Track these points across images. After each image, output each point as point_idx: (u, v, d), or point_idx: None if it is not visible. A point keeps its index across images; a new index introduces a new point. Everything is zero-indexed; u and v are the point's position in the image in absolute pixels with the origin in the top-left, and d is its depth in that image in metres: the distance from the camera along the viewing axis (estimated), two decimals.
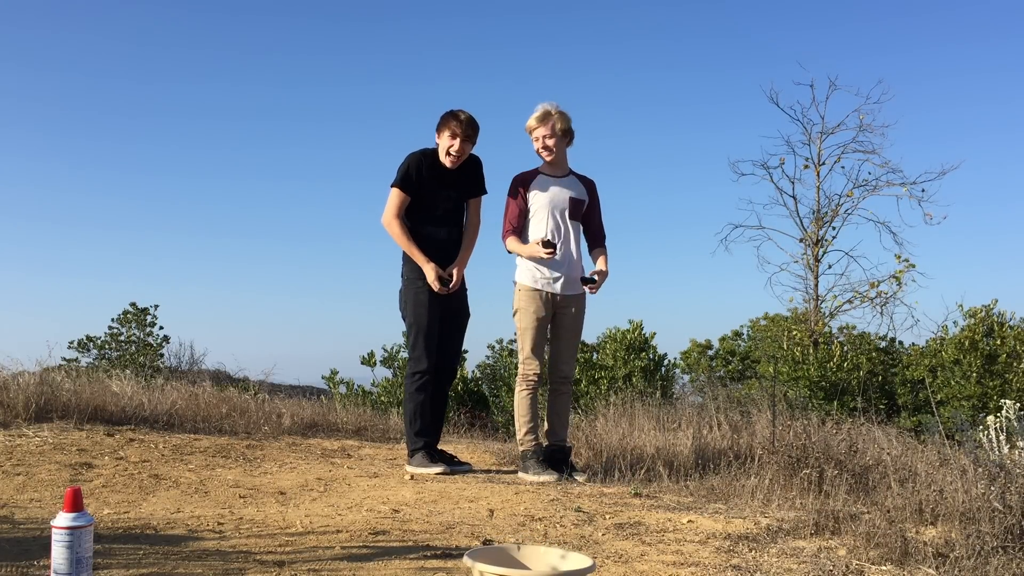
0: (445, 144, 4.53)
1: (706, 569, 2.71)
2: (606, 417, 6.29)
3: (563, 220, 4.58)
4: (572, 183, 4.66)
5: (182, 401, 5.97)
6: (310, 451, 5.16)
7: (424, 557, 2.68)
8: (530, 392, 4.55)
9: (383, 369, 10.82)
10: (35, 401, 5.14)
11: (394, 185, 4.53)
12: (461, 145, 4.50)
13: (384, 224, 4.56)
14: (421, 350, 4.52)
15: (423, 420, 4.55)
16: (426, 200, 4.55)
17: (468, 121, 4.51)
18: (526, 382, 4.56)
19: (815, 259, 12.40)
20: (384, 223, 4.56)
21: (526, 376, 4.56)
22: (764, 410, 5.99)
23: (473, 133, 4.54)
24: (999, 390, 10.20)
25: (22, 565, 2.38)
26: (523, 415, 4.55)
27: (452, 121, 4.51)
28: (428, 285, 4.49)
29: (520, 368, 4.59)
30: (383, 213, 4.56)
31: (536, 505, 3.66)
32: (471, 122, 4.53)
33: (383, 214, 4.56)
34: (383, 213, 4.56)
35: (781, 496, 3.87)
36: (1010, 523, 2.85)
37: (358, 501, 3.65)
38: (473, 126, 4.53)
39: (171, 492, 3.71)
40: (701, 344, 14.26)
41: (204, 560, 2.54)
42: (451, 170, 4.58)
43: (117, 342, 12.59)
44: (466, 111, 4.55)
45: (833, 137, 12.70)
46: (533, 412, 4.54)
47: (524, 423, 4.54)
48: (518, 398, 4.58)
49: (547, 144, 4.58)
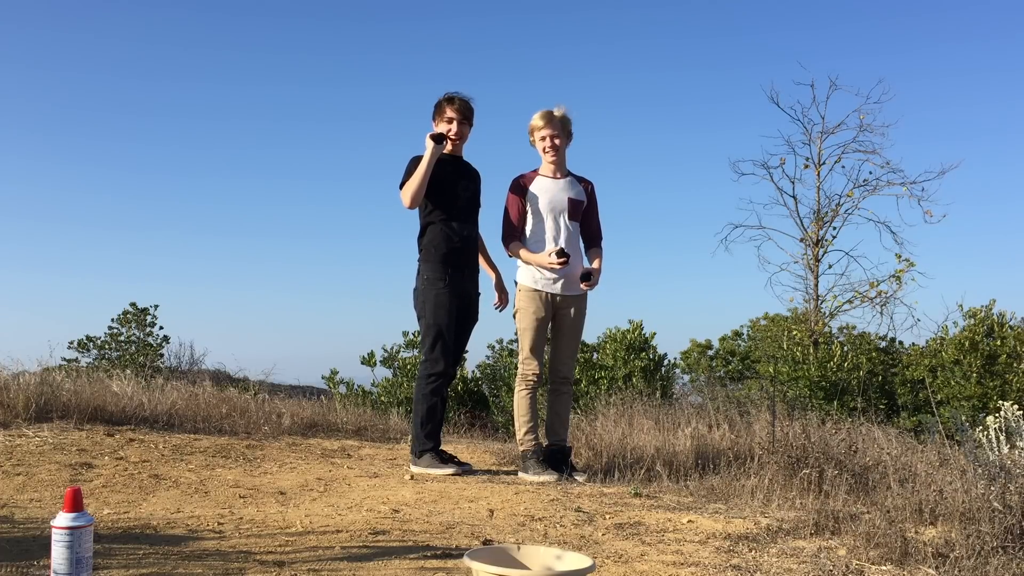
0: (443, 130, 4.58)
1: (706, 569, 2.71)
2: (606, 417, 6.29)
3: (563, 221, 4.59)
4: (571, 184, 4.68)
5: (182, 401, 5.97)
6: (310, 451, 5.16)
7: (424, 557, 2.68)
8: (529, 392, 4.56)
9: (383, 369, 10.83)
10: (35, 401, 5.14)
11: (402, 185, 4.53)
12: (459, 127, 4.59)
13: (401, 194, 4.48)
14: (439, 352, 4.51)
15: (434, 422, 4.55)
16: (447, 192, 4.57)
17: (463, 103, 4.61)
18: (525, 382, 4.57)
19: (815, 259, 12.38)
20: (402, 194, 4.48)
21: (525, 376, 4.57)
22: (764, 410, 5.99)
23: (470, 114, 4.64)
24: (999, 390, 10.19)
25: (22, 565, 2.38)
26: (523, 415, 4.55)
27: (448, 105, 4.60)
28: (448, 287, 4.48)
29: (520, 368, 4.59)
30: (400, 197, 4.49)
31: (536, 505, 3.66)
32: (466, 104, 4.62)
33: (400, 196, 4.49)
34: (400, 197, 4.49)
35: (781, 496, 3.88)
36: (1010, 523, 2.85)
37: (358, 501, 3.65)
38: (469, 107, 4.63)
39: (171, 492, 3.71)
40: (701, 344, 14.24)
41: (204, 560, 2.54)
42: (458, 164, 4.62)
43: (117, 342, 12.59)
44: (460, 93, 4.63)
45: (833, 137, 12.67)
46: (533, 412, 4.55)
47: (524, 423, 4.54)
48: (518, 398, 4.59)
49: (554, 143, 4.60)
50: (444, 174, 4.55)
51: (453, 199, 4.58)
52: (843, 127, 12.58)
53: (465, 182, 4.64)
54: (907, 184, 12.29)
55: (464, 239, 4.60)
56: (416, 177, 4.43)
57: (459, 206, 4.59)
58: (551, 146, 4.62)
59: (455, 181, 4.60)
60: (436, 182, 4.52)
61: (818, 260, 12.39)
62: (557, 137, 4.62)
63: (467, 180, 4.66)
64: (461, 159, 4.70)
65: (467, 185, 4.65)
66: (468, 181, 4.66)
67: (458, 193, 4.60)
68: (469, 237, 4.63)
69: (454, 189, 4.58)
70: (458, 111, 4.59)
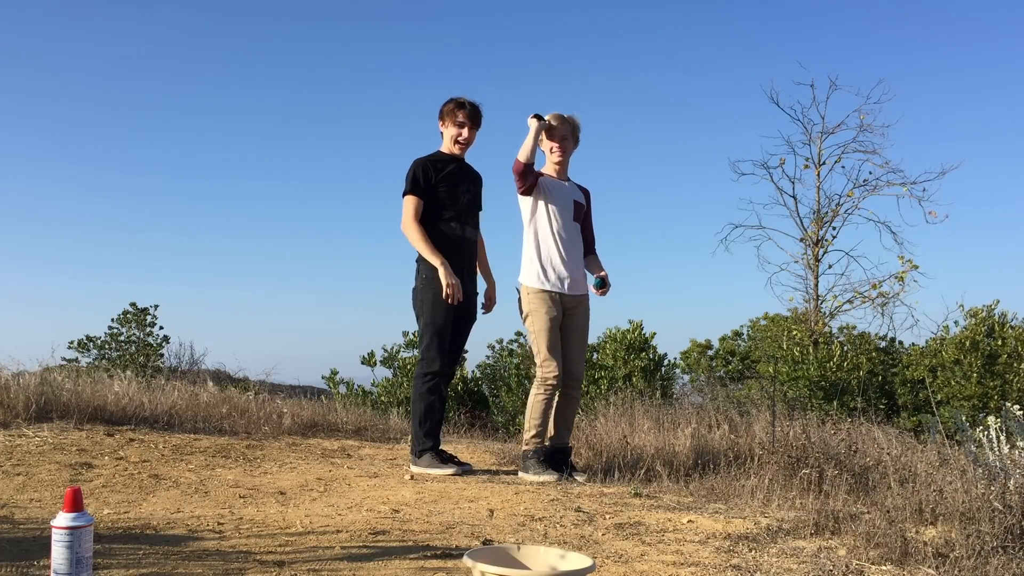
0: (452, 133, 4.61)
1: (706, 569, 2.71)
2: (606, 417, 6.29)
3: (568, 219, 4.61)
4: (573, 189, 4.71)
5: (182, 401, 5.97)
6: (310, 451, 5.16)
7: (424, 557, 2.68)
8: (546, 398, 4.47)
9: (383, 369, 10.84)
10: (35, 401, 5.14)
11: (406, 193, 4.56)
12: (469, 132, 4.61)
13: (403, 230, 4.57)
14: (436, 351, 4.51)
15: (432, 421, 4.55)
16: (447, 196, 4.58)
17: (473, 107, 4.63)
18: (544, 386, 4.46)
19: (815, 259, 12.38)
20: (403, 229, 4.57)
21: (546, 380, 4.45)
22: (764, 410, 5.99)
23: (479, 119, 4.67)
24: (999, 390, 10.19)
25: (22, 565, 2.38)
26: (534, 417, 4.47)
27: (458, 110, 4.61)
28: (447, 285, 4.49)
29: (539, 372, 4.48)
30: (401, 221, 4.57)
31: (536, 505, 3.66)
32: (475, 108, 4.64)
33: (401, 222, 4.57)
34: (401, 221, 4.57)
35: (781, 496, 3.87)
36: (1010, 523, 2.85)
37: (358, 501, 3.65)
38: (478, 112, 4.66)
39: (171, 492, 3.71)
40: (701, 344, 14.25)
41: (204, 560, 2.54)
42: (461, 165, 4.63)
43: (117, 342, 12.59)
44: (467, 98, 4.64)
45: (833, 137, 12.68)
46: (544, 418, 4.47)
47: (533, 425, 4.47)
48: (533, 400, 4.48)
49: (564, 145, 4.62)
50: (446, 175, 4.57)
51: (454, 200, 4.58)
52: (843, 127, 12.59)
53: (467, 184, 4.65)
54: (907, 184, 12.30)
55: (463, 240, 4.61)
56: (420, 248, 4.50)
57: (459, 207, 4.60)
58: (560, 147, 4.62)
59: (457, 183, 4.61)
60: (438, 183, 4.54)
61: (818, 260, 12.39)
62: (567, 139, 4.63)
63: (468, 182, 4.67)
64: (464, 161, 4.70)
65: (468, 187, 4.66)
66: (470, 183, 4.67)
67: (459, 195, 4.60)
68: (468, 238, 4.64)
69: (455, 191, 4.59)
70: (468, 116, 4.61)
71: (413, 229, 4.52)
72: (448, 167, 4.59)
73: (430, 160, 4.61)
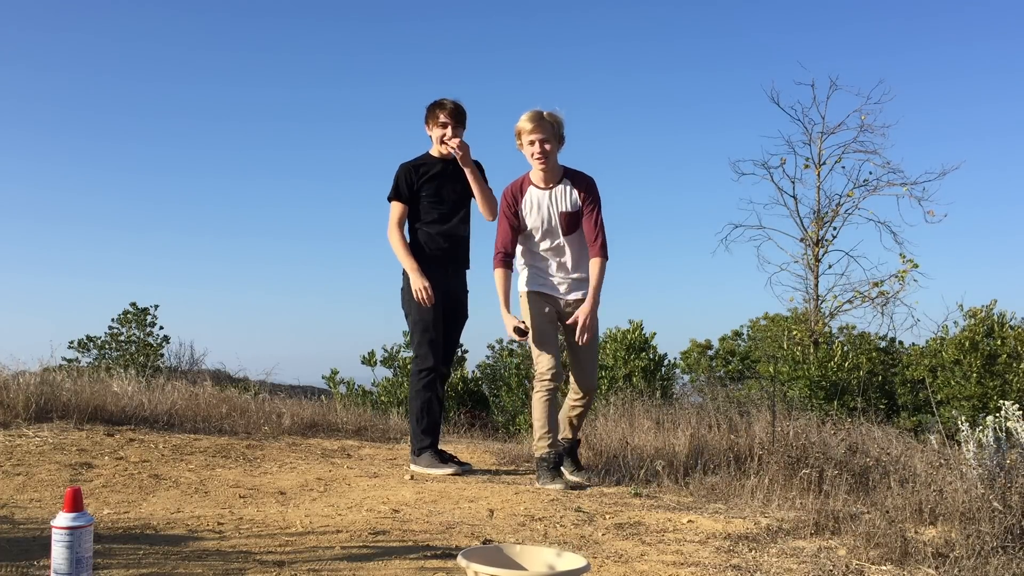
0: (438, 135, 4.63)
1: (706, 569, 2.71)
2: (606, 417, 6.29)
3: (560, 241, 4.31)
4: (564, 193, 4.29)
5: (182, 401, 5.97)
6: (310, 451, 5.16)
7: (424, 557, 2.68)
8: (547, 395, 4.23)
9: (383, 369, 10.85)
10: (35, 401, 5.14)
11: (390, 199, 4.65)
12: (453, 132, 4.60)
13: (388, 237, 4.67)
14: (426, 348, 4.53)
15: (430, 418, 4.55)
16: (433, 196, 4.61)
17: (454, 108, 4.62)
18: (541, 382, 4.23)
19: (815, 259, 12.38)
20: (388, 236, 4.67)
21: (541, 376, 4.23)
22: (764, 410, 5.98)
23: (462, 118, 4.65)
24: (999, 390, 10.19)
25: (22, 565, 2.38)
26: (539, 419, 4.23)
27: (440, 111, 4.62)
28: (430, 284, 4.51)
29: (535, 368, 4.29)
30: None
31: (536, 505, 3.66)
32: (458, 108, 4.63)
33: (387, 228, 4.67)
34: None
35: (781, 496, 3.87)
36: (1010, 523, 2.85)
37: (358, 501, 3.65)
38: (461, 112, 4.64)
39: (171, 492, 3.71)
40: (701, 344, 14.25)
41: (204, 560, 2.54)
42: (447, 164, 4.64)
43: (117, 342, 12.59)
44: (449, 98, 4.65)
45: (834, 137, 12.68)
46: (549, 417, 4.24)
47: (539, 427, 4.24)
48: (535, 401, 4.27)
49: (544, 149, 4.20)
50: (430, 177, 4.61)
51: (440, 201, 4.62)
52: (843, 127, 12.60)
53: (451, 185, 4.64)
54: (907, 184, 12.30)
55: (452, 237, 4.63)
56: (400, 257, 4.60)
57: (445, 209, 4.63)
58: (540, 152, 4.20)
59: (442, 183, 4.63)
60: (420, 187, 4.60)
61: (818, 260, 12.39)
62: (547, 142, 4.19)
63: (453, 183, 4.65)
64: (451, 161, 4.66)
65: (454, 187, 4.65)
66: (455, 183, 4.65)
67: (444, 197, 4.62)
68: (454, 236, 4.65)
69: (440, 193, 4.62)
70: (450, 115, 4.58)
71: (393, 237, 4.63)
72: (432, 169, 4.62)
73: (413, 165, 4.64)
